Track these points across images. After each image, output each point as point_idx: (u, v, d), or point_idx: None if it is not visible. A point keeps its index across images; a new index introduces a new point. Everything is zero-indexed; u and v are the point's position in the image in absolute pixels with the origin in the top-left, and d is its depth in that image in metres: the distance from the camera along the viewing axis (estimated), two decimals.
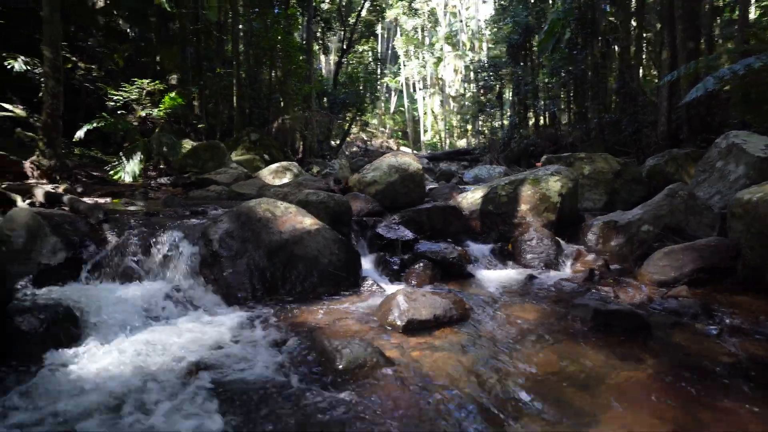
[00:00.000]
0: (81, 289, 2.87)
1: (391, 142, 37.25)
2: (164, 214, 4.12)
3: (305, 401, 1.82)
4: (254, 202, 3.46)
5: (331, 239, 3.50)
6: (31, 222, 3.16)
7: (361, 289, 3.46)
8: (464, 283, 3.75)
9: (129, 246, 3.29)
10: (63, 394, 1.81)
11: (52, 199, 4.41)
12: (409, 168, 5.03)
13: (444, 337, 2.57)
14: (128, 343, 2.34)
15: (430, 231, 4.67)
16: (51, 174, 5.88)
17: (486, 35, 29.16)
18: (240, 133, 11.39)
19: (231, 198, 6.40)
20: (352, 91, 20.67)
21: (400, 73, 37.01)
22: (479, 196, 5.24)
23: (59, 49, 5.94)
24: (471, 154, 28.02)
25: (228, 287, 3.10)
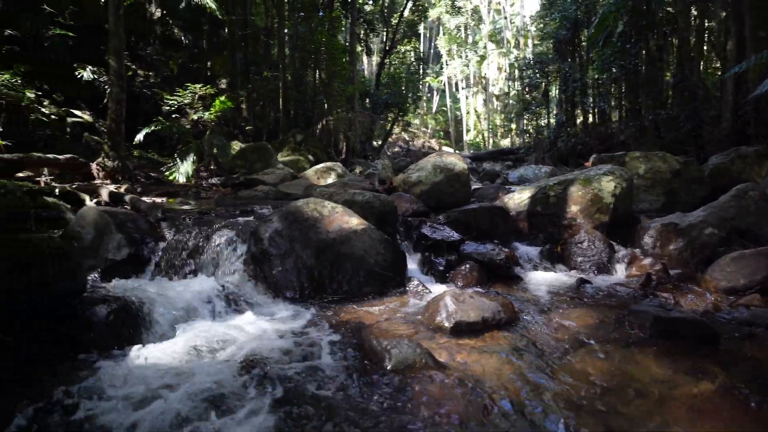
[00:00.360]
0: (142, 283, 3.03)
1: (432, 142, 37.03)
2: (216, 213, 4.29)
3: (354, 400, 1.83)
4: (302, 202, 3.54)
5: (378, 239, 3.52)
6: (99, 220, 3.38)
7: (407, 289, 3.45)
8: (512, 286, 3.66)
9: (185, 243, 3.45)
10: (129, 381, 1.92)
11: (115, 199, 4.71)
12: (454, 168, 4.97)
13: (492, 340, 2.52)
14: (185, 337, 2.45)
15: (476, 232, 4.59)
16: (114, 175, 6.28)
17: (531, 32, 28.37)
18: (286, 134, 11.70)
19: (278, 198, 6.58)
20: (394, 91, 20.71)
21: (443, 72, 36.71)
22: (527, 196, 5.10)
23: (122, 59, 6.34)
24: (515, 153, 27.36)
25: (277, 285, 3.18)
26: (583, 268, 4.16)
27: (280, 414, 1.70)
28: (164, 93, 11.53)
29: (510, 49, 31.83)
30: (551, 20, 20.15)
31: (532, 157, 20.98)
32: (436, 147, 36.82)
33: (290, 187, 6.82)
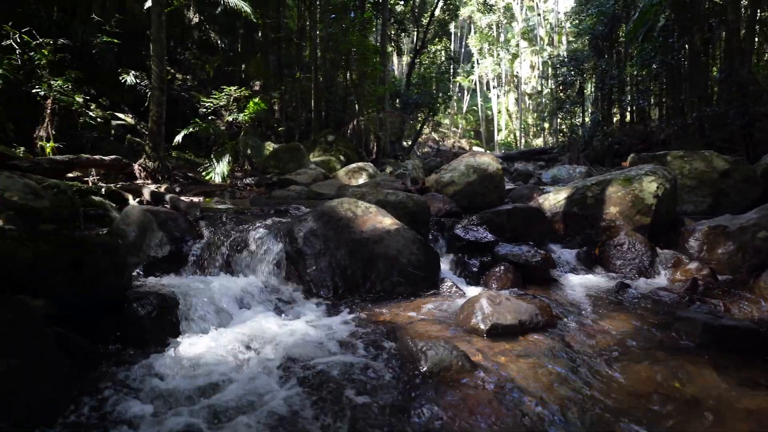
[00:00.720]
0: (182, 280, 3.13)
1: (463, 142, 36.66)
2: (251, 213, 4.38)
3: (390, 400, 1.82)
4: (336, 202, 3.56)
5: (411, 239, 3.50)
6: (142, 218, 3.52)
7: (440, 290, 3.42)
8: (548, 289, 3.57)
9: (222, 242, 3.54)
10: (174, 374, 1.98)
11: (156, 198, 4.88)
12: (488, 168, 4.89)
13: (529, 343, 2.46)
14: (224, 333, 2.50)
15: (510, 233, 4.50)
16: (155, 175, 6.52)
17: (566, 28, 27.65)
18: (317, 135, 11.85)
19: (310, 197, 6.66)
20: (424, 91, 20.61)
21: (474, 71, 36.30)
22: (563, 197, 4.96)
23: (164, 64, 6.57)
24: (548, 153, 26.73)
25: (311, 283, 3.22)
26: (623, 272, 4.01)
27: (319, 413, 1.71)
28: (201, 96, 11.91)
29: (543, 47, 31.13)
30: (587, 16, 19.56)
31: (565, 157, 20.42)
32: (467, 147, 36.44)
33: (322, 187, 6.89)
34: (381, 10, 14.46)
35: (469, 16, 32.67)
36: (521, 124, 32.46)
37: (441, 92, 22.21)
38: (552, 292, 3.48)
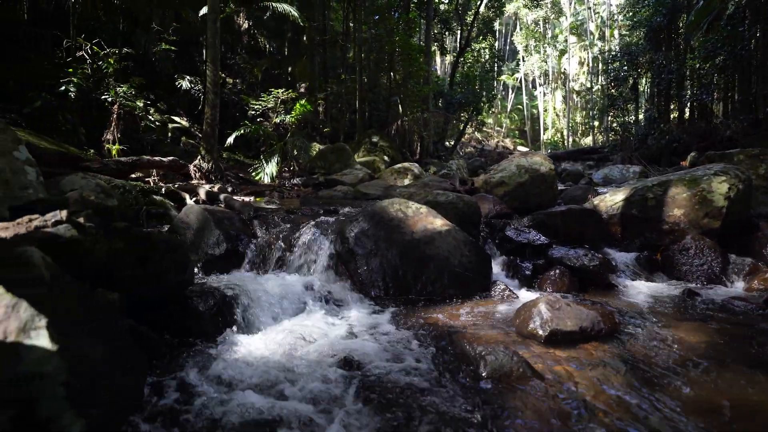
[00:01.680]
0: (238, 277, 3.23)
1: (507, 142, 35.87)
2: (302, 212, 4.46)
3: (448, 405, 1.78)
4: (387, 202, 3.56)
5: (462, 241, 3.44)
6: (201, 217, 3.66)
7: (492, 293, 3.34)
8: (606, 295, 3.40)
9: (275, 241, 3.62)
10: (234, 365, 2.04)
11: (211, 198, 5.08)
12: (540, 168, 4.74)
13: (591, 352, 2.34)
14: (278, 330, 2.56)
15: (563, 236, 4.33)
16: (208, 175, 6.79)
17: (618, 21, 26.41)
18: (361, 135, 11.94)
19: (356, 198, 6.71)
20: (468, 90, 20.33)
21: (519, 69, 35.40)
22: (620, 198, 4.72)
23: (218, 68, 6.84)
24: (598, 153, 25.62)
25: (362, 284, 3.23)
26: (689, 279, 3.76)
27: (377, 416, 1.70)
28: (249, 99, 12.31)
29: (593, 42, 29.89)
30: (644, 7, 18.59)
31: (617, 156, 19.49)
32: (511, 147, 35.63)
33: (368, 187, 6.93)
34: (425, 10, 14.38)
35: (514, 12, 31.89)
36: (569, 123, 31.31)
37: (485, 91, 21.83)
38: (611, 299, 3.31)
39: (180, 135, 9.96)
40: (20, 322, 1.20)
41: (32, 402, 1.12)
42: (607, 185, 12.98)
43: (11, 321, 1.20)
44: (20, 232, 1.79)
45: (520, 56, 34.15)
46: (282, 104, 11.13)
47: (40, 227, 1.78)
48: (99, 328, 1.52)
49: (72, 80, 6.58)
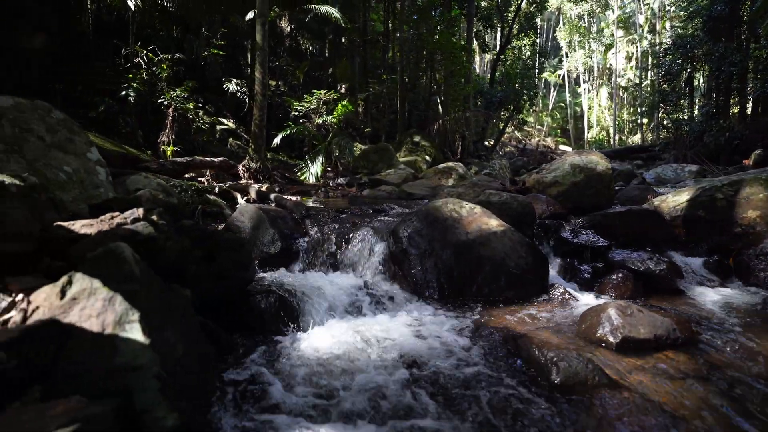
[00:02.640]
0: (293, 276, 3.26)
1: (548, 141, 34.88)
2: (351, 211, 4.47)
3: (520, 412, 1.72)
4: (440, 202, 3.50)
5: (518, 242, 3.34)
6: (255, 216, 3.73)
7: (550, 296, 3.22)
8: (675, 301, 3.20)
9: (328, 240, 3.64)
10: (297, 364, 2.05)
11: (261, 197, 5.19)
12: (596, 167, 4.54)
13: (668, 361, 2.20)
14: (336, 329, 2.56)
15: (622, 238, 4.12)
16: (257, 175, 6.96)
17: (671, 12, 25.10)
18: (402, 135, 11.91)
19: (401, 197, 6.69)
20: (508, 88, 19.89)
21: (561, 66, 34.33)
22: (684, 199, 4.45)
23: (266, 70, 6.99)
24: (647, 151, 24.46)
25: (416, 284, 3.19)
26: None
27: (445, 422, 1.66)
28: (292, 100, 12.55)
29: (643, 35, 28.53)
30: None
31: (670, 154, 18.53)
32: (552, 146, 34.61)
33: (413, 187, 6.89)
34: (467, 7, 14.17)
35: (557, 7, 30.93)
36: (615, 120, 30.05)
37: (526, 89, 21.29)
38: (682, 306, 3.11)
39: (227, 136, 10.28)
40: (116, 316, 1.24)
41: (129, 394, 1.15)
42: (660, 185, 12.33)
43: (108, 314, 1.24)
44: (103, 229, 1.87)
45: (563, 52, 33.08)
46: (324, 105, 11.28)
47: (121, 224, 1.85)
48: (178, 323, 1.55)
49: (131, 85, 6.93)
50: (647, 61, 28.03)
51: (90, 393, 1.14)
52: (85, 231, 1.88)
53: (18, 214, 1.62)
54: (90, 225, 1.90)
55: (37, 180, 1.95)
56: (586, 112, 33.20)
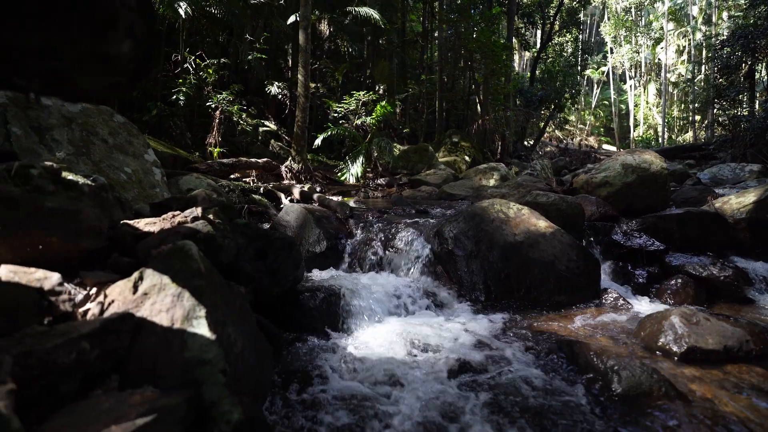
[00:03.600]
0: (338, 275, 3.29)
1: (591, 140, 33.67)
2: (394, 212, 4.47)
3: (579, 424, 1.65)
4: (487, 203, 3.44)
5: (568, 244, 3.23)
6: (301, 216, 3.79)
7: (603, 301, 3.10)
8: (743, 310, 3.00)
9: (373, 240, 3.65)
10: (350, 363, 2.05)
11: (305, 197, 5.27)
12: (650, 168, 4.33)
13: (740, 375, 2.06)
14: (385, 330, 2.55)
15: (679, 241, 3.91)
16: (299, 176, 7.09)
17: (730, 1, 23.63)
18: (441, 135, 11.81)
19: (442, 198, 6.63)
20: (549, 86, 19.33)
21: (605, 62, 33.04)
22: (751, 200, 4.16)
23: (309, 72, 7.12)
24: (700, 150, 23.13)
25: (462, 285, 3.14)
26: None
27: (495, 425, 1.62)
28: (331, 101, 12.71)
29: (697, 26, 27.01)
30: None
31: (727, 153, 17.40)
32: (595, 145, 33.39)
33: (454, 187, 6.81)
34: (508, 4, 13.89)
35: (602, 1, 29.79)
36: (664, 118, 28.59)
37: (567, 87, 20.62)
38: (752, 315, 2.91)
39: (269, 138, 10.54)
40: (184, 311, 1.29)
41: (199, 387, 1.19)
42: (717, 185, 11.59)
43: (177, 309, 1.29)
44: (165, 227, 1.94)
45: (607, 48, 31.81)
46: (363, 106, 11.36)
47: (182, 223, 1.92)
48: (237, 319, 1.59)
49: (181, 90, 7.24)
50: (701, 55, 26.51)
51: (161, 384, 1.19)
52: (148, 229, 1.97)
53: (91, 212, 1.71)
54: (153, 223, 1.98)
55: (105, 180, 2.05)
56: (632, 110, 31.77)
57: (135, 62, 1.02)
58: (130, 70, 1.01)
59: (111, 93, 1.34)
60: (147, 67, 0.98)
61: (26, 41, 0.89)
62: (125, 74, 1.01)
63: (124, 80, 1.00)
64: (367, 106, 11.23)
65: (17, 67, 0.91)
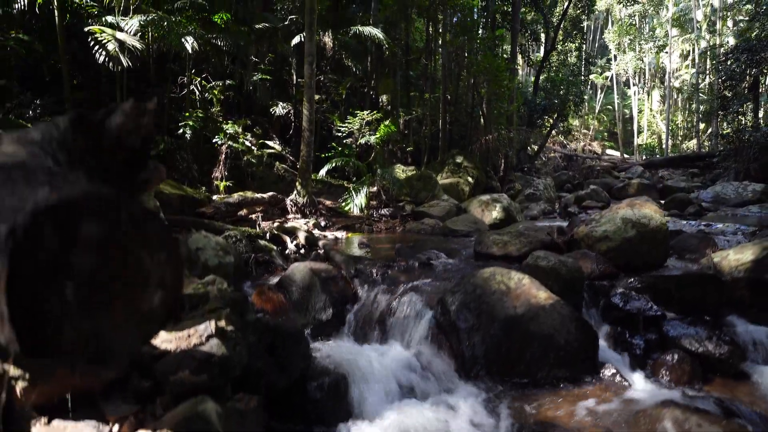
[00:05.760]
0: (344, 347, 3.38)
1: (595, 145, 33.65)
2: (398, 266, 4.56)
3: None
4: (489, 273, 3.53)
5: (568, 316, 3.32)
6: (307, 277, 3.89)
7: (601, 376, 3.19)
8: (737, 389, 3.08)
9: (376, 304, 3.75)
10: None
11: (310, 243, 5.37)
12: (649, 223, 4.41)
13: None
14: (390, 418, 2.64)
15: (677, 302, 3.99)
16: (303, 209, 7.20)
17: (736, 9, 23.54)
18: (445, 155, 11.90)
19: (445, 233, 6.73)
20: (553, 95, 19.37)
21: (609, 67, 32.97)
22: (749, 258, 4.23)
23: (314, 107, 7.21)
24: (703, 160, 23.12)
25: (464, 359, 3.23)
26: None
27: None
28: (335, 117, 12.81)
29: (701, 35, 26.91)
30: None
31: (730, 166, 17.40)
32: (599, 150, 33.36)
33: (457, 222, 6.91)
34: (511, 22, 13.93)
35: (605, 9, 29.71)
36: (668, 125, 28.54)
37: (572, 95, 20.64)
38: (743, 394, 3.00)
39: (274, 160, 10.64)
40: None
41: None
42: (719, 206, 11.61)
43: None
44: (182, 347, 2.05)
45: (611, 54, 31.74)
46: (367, 125, 11.46)
47: (197, 345, 2.02)
48: None
49: (188, 124, 7.36)
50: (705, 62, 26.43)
51: None
52: (165, 347, 2.07)
53: None
54: (170, 341, 2.08)
55: None
56: (636, 117, 31.71)
57: (166, 310, 1.11)
58: (161, 316, 1.11)
59: (144, 344, 1.44)
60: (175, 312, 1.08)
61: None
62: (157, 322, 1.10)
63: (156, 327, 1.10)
64: (371, 126, 11.33)
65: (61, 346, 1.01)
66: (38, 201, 0.87)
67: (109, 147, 1.31)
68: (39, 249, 0.89)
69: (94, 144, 1.28)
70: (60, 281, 0.92)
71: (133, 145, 1.36)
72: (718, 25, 25.91)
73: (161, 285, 1.09)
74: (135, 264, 1.04)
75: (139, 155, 1.39)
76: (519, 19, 14.25)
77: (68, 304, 0.97)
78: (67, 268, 0.93)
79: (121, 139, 1.32)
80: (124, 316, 1.06)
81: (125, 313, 1.06)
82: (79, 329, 1.01)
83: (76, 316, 0.99)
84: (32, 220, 0.85)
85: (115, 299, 1.04)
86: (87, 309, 1.00)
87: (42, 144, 1.22)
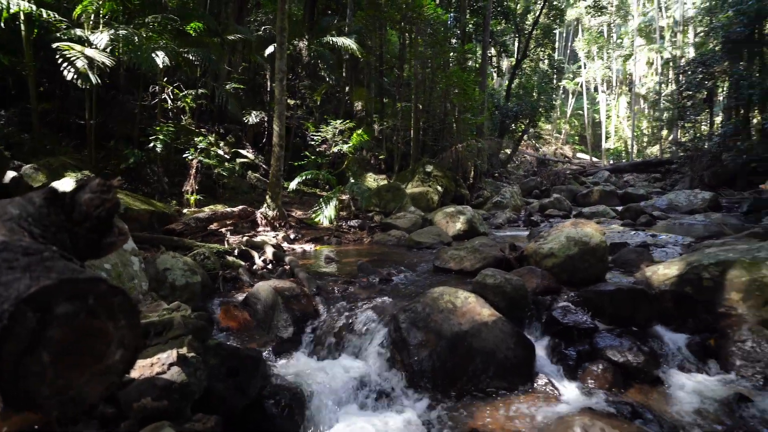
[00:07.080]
0: (302, 363, 3.65)
1: (566, 149, 34.66)
2: (359, 283, 4.85)
3: None
4: (437, 293, 3.85)
5: (508, 333, 3.67)
6: (271, 297, 4.14)
7: (535, 385, 3.54)
8: (650, 394, 3.49)
9: (334, 323, 4.03)
10: None
11: (277, 258, 5.61)
12: (590, 242, 4.82)
13: None
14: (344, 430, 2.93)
15: (611, 315, 4.40)
16: (273, 222, 7.41)
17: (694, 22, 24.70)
18: (416, 164, 12.26)
19: (410, 246, 7.05)
20: (524, 101, 20.01)
21: (579, 73, 34.05)
22: (674, 273, 4.69)
23: (284, 123, 7.42)
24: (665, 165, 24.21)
25: (414, 373, 3.54)
26: (744, 375, 3.72)
27: None
28: (311, 125, 13.00)
29: (663, 46, 28.11)
30: (722, 15, 17.38)
31: (687, 174, 18.36)
32: (570, 154, 34.37)
33: (421, 235, 7.24)
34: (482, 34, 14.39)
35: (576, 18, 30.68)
36: (633, 131, 29.70)
37: (543, 101, 21.35)
38: (654, 399, 3.40)
39: (246, 169, 10.79)
40: None
41: None
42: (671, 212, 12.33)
43: None
44: (145, 375, 2.29)
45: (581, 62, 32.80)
46: (340, 134, 11.73)
47: (159, 373, 2.26)
48: None
49: (158, 138, 7.46)
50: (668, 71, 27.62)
51: None
52: (130, 375, 2.31)
53: None
54: (134, 370, 2.32)
55: None
56: (604, 122, 32.87)
57: (125, 364, 1.38)
58: (122, 370, 1.38)
59: (108, 392, 1.68)
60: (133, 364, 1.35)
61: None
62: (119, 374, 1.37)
63: (117, 379, 1.36)
64: (344, 134, 11.60)
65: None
66: (20, 291, 1.12)
67: (78, 219, 1.55)
68: (20, 328, 1.14)
69: (65, 217, 1.52)
70: (38, 351, 1.17)
71: (100, 215, 1.60)
72: (679, 37, 27.14)
73: (121, 345, 1.35)
74: (100, 331, 1.30)
75: (105, 223, 1.64)
76: (489, 31, 14.72)
77: (44, 366, 1.23)
78: (44, 341, 1.18)
79: (89, 213, 1.57)
80: (91, 372, 1.31)
81: (91, 370, 1.31)
82: (54, 385, 1.27)
83: (51, 375, 1.25)
84: (15, 309, 1.10)
85: (83, 358, 1.29)
86: (60, 369, 1.25)
87: (19, 221, 1.45)
